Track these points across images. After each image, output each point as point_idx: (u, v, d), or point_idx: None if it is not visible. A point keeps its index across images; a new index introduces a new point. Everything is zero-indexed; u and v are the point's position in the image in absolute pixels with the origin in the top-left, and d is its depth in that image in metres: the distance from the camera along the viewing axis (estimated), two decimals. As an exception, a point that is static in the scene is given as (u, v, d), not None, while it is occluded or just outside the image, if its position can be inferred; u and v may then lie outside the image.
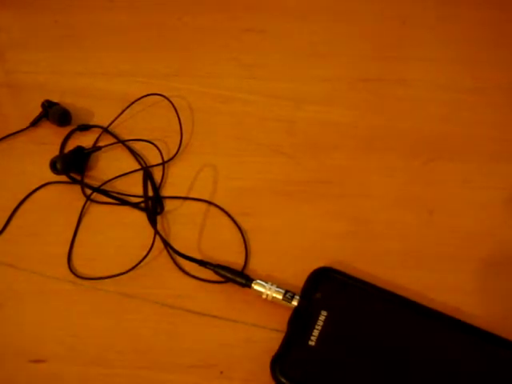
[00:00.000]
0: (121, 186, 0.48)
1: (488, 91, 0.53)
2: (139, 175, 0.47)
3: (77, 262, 0.44)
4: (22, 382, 0.38)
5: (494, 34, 0.58)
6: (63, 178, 0.48)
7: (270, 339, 0.39)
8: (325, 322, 0.38)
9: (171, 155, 0.50)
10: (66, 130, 0.51)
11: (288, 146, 0.50)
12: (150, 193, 0.45)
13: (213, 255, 0.44)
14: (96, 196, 0.47)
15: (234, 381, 0.38)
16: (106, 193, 0.46)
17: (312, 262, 0.42)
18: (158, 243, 0.44)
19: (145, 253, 0.43)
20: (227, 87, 0.55)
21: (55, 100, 0.53)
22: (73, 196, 0.47)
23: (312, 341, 0.37)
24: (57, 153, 0.50)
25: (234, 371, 0.38)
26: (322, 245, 0.44)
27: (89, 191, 0.47)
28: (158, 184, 0.48)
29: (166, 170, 0.49)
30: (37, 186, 0.48)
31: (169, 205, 0.47)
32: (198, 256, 0.43)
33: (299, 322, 0.38)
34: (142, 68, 0.57)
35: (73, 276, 0.43)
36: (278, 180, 0.48)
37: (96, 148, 0.49)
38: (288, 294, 0.39)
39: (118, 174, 0.49)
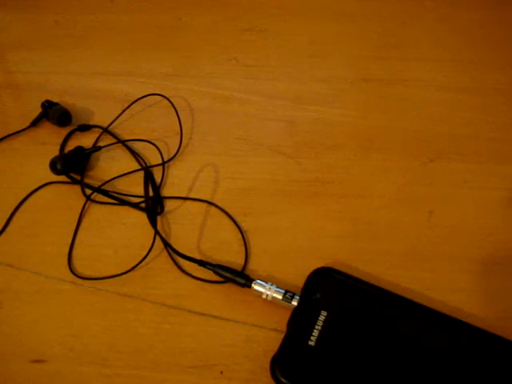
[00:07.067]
0: (121, 186, 0.48)
1: (487, 91, 0.54)
2: (139, 175, 0.47)
3: (77, 262, 0.44)
4: (21, 382, 0.38)
5: (493, 35, 0.58)
6: (63, 178, 0.48)
7: (270, 339, 0.39)
8: (325, 322, 0.38)
9: (171, 155, 0.50)
10: (66, 130, 0.51)
11: (288, 145, 0.50)
12: (151, 193, 0.45)
13: (213, 255, 0.44)
14: (96, 196, 0.47)
15: (233, 381, 0.38)
16: (106, 193, 0.46)
17: (312, 262, 0.42)
18: (158, 243, 0.44)
19: (145, 253, 0.43)
20: (227, 87, 0.55)
21: (55, 100, 0.53)
22: (73, 196, 0.47)
23: (312, 341, 0.37)
24: (57, 153, 0.50)
25: (234, 371, 0.38)
26: (321, 245, 0.44)
27: (89, 191, 0.47)
28: (158, 184, 0.48)
29: (166, 170, 0.49)
30: (37, 186, 0.48)
31: (169, 205, 0.47)
32: (197, 256, 0.43)
33: (299, 322, 0.38)
34: (142, 68, 0.57)
35: (73, 276, 0.43)
36: (278, 180, 0.48)
37: (96, 148, 0.49)
38: (288, 294, 0.39)
39: (118, 174, 0.49)
